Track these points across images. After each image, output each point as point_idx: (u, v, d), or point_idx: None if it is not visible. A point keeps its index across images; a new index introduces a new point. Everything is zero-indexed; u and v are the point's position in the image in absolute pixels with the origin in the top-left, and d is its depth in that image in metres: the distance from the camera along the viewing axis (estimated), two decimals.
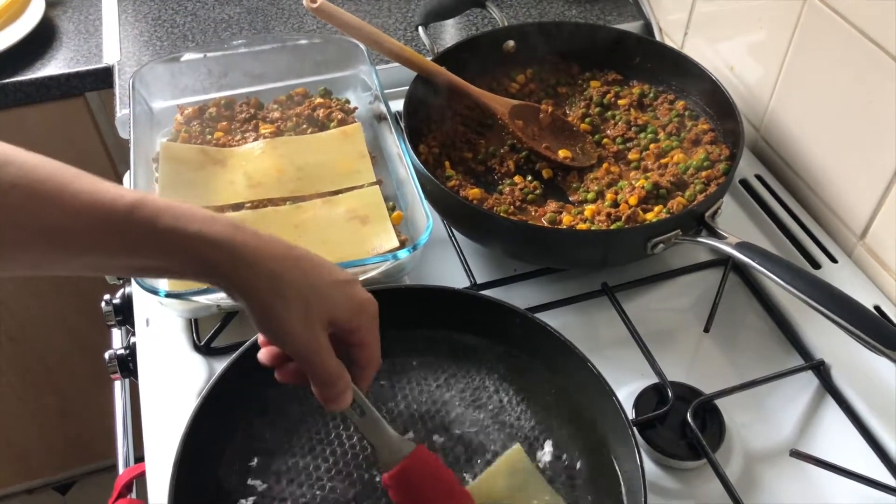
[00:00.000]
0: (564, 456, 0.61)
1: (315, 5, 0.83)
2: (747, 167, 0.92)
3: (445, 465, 0.57)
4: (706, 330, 0.75)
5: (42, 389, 1.50)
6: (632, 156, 0.87)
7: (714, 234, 0.73)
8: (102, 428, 1.06)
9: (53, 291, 1.34)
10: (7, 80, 1.06)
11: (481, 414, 0.63)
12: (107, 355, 0.78)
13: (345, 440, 0.61)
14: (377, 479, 0.59)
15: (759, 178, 0.91)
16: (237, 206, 0.79)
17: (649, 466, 0.64)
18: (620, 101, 0.93)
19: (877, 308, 0.76)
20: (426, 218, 0.71)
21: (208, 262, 0.48)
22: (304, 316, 0.49)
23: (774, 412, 0.69)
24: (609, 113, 0.92)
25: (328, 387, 0.52)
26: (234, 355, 0.61)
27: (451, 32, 1.14)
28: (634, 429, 0.59)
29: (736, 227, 0.85)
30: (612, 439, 0.59)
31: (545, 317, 0.67)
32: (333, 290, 0.51)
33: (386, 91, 0.87)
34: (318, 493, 0.58)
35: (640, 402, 0.67)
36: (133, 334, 0.76)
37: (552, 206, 0.80)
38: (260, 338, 0.55)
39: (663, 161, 0.85)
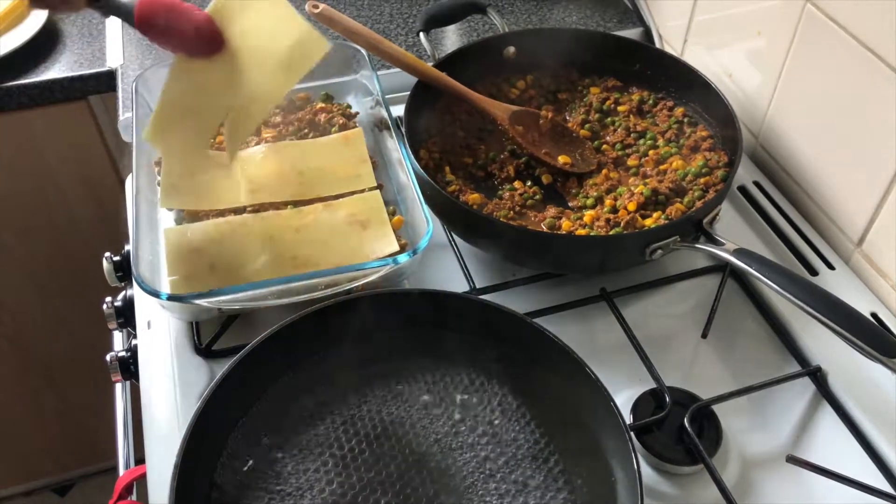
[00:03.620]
0: (561, 460, 0.61)
1: (317, 10, 0.83)
2: (745, 174, 0.93)
3: None
4: (704, 336, 0.76)
5: (42, 391, 1.50)
6: (631, 162, 0.87)
7: (712, 240, 0.74)
8: (102, 429, 1.06)
9: (54, 293, 1.35)
10: (11, 83, 1.06)
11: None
12: (108, 357, 0.79)
13: (344, 442, 0.62)
14: (382, 474, 0.59)
15: (757, 184, 0.91)
16: (238, 210, 0.79)
17: (646, 471, 0.65)
18: (620, 108, 0.93)
19: (874, 315, 0.76)
20: (426, 222, 0.71)
21: None
22: None
23: (771, 418, 0.69)
24: (608, 119, 0.93)
25: None
26: (235, 358, 0.62)
27: (452, 38, 1.15)
28: (632, 433, 0.59)
29: (734, 233, 0.85)
30: (610, 444, 0.59)
31: (544, 322, 0.68)
32: None
33: (387, 96, 0.87)
34: (319, 494, 0.59)
35: (637, 407, 0.67)
36: (134, 337, 0.77)
37: (551, 211, 0.81)
38: None
39: (662, 167, 0.85)
